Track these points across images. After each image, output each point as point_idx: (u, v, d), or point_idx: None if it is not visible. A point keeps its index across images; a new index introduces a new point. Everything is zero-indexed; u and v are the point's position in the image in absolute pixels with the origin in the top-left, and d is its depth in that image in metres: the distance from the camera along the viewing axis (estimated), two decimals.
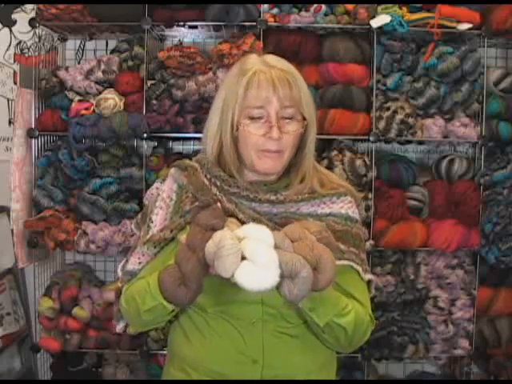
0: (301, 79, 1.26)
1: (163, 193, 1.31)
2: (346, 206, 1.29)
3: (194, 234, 1.10)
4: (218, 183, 1.27)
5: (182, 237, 1.13)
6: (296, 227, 1.10)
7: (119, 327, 1.39)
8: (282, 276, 1.01)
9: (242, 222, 1.20)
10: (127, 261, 1.32)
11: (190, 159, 1.37)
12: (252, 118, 1.22)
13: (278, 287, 1.03)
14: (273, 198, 1.26)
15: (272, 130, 1.21)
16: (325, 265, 1.04)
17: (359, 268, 1.25)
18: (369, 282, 1.30)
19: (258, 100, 1.21)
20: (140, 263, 1.29)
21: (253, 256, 1.01)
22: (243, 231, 1.07)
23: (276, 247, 1.04)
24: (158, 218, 1.29)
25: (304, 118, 1.25)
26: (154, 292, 1.17)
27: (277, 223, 1.23)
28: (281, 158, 1.24)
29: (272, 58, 1.27)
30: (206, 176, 1.29)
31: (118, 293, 1.34)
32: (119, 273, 1.33)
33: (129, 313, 1.28)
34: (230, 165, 1.27)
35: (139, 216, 1.41)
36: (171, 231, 1.26)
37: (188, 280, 1.07)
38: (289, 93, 1.21)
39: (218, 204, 1.22)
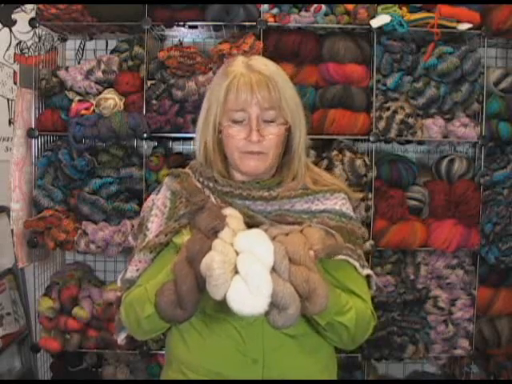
0: (284, 83, 1.26)
1: (158, 201, 1.33)
2: (340, 203, 1.30)
3: (194, 242, 1.09)
4: (211, 185, 1.29)
5: (187, 238, 1.12)
6: (300, 244, 1.08)
7: (120, 339, 1.39)
8: (270, 303, 1.01)
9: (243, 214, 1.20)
10: (126, 270, 1.32)
11: (183, 166, 1.38)
12: (234, 121, 1.24)
13: (265, 313, 1.02)
14: (266, 194, 1.27)
15: (252, 134, 1.22)
16: (316, 298, 1.03)
17: (356, 263, 1.25)
18: (368, 278, 1.30)
19: (238, 103, 1.23)
20: (137, 270, 1.30)
21: (247, 278, 1.00)
22: (244, 242, 1.05)
23: (273, 268, 1.03)
24: (154, 225, 1.30)
25: (287, 122, 1.25)
26: (151, 298, 1.18)
27: (272, 221, 1.24)
28: (263, 159, 1.25)
29: (257, 62, 1.28)
30: (198, 180, 1.31)
31: (118, 302, 1.35)
32: (118, 282, 1.34)
33: (129, 322, 1.29)
34: (213, 166, 1.29)
35: (135, 227, 1.42)
36: (166, 235, 1.27)
37: (183, 302, 1.07)
38: (267, 96, 1.22)
39: (212, 200, 1.23)
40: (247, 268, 1.01)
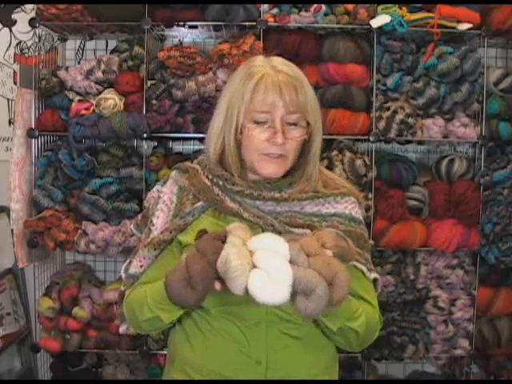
0: (307, 84, 1.25)
1: (164, 195, 1.32)
2: (350, 207, 1.30)
3: (203, 241, 1.08)
4: (221, 183, 1.27)
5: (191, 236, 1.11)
6: (312, 241, 1.08)
7: (122, 328, 1.41)
8: (296, 292, 1.00)
9: (248, 221, 1.21)
10: (130, 262, 1.32)
11: (192, 161, 1.37)
12: (257, 122, 1.22)
13: (293, 302, 1.01)
14: (277, 195, 1.26)
15: (276, 136, 1.20)
16: (340, 281, 1.02)
17: (363, 268, 1.25)
18: (375, 281, 1.30)
19: (264, 105, 1.21)
20: (141, 266, 1.30)
21: (268, 268, 1.00)
22: (258, 242, 1.05)
23: (291, 261, 1.03)
24: (159, 220, 1.30)
25: (308, 124, 1.24)
26: (150, 304, 1.18)
27: (281, 222, 1.23)
28: (284, 162, 1.24)
29: (279, 62, 1.27)
30: (207, 177, 1.29)
31: (121, 295, 1.35)
32: (122, 275, 1.34)
33: (129, 319, 1.31)
34: (231, 166, 1.27)
35: (139, 217, 1.41)
36: (170, 232, 1.26)
37: (195, 282, 1.05)
38: (295, 98, 1.20)
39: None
40: (266, 261, 1.01)
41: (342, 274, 1.03)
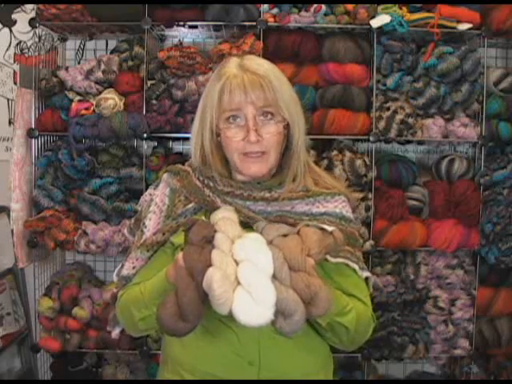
0: (279, 82, 1.24)
1: (156, 197, 1.32)
2: (341, 206, 1.29)
3: (190, 253, 1.07)
4: (211, 184, 1.28)
5: (179, 255, 1.09)
6: (297, 249, 1.07)
7: (115, 333, 1.39)
8: (275, 312, 1.01)
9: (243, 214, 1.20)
10: (122, 266, 1.32)
11: (183, 163, 1.37)
12: (231, 123, 1.23)
13: (272, 322, 1.02)
14: (267, 195, 1.26)
15: (250, 134, 1.21)
16: (319, 302, 1.04)
17: (355, 266, 1.25)
18: (367, 280, 1.30)
19: (232, 104, 1.22)
20: (134, 268, 1.30)
21: (250, 288, 1.01)
22: (242, 252, 1.05)
23: (274, 275, 1.03)
24: (152, 222, 1.30)
25: (285, 119, 1.25)
26: (147, 301, 1.19)
27: (272, 222, 1.23)
28: (265, 160, 1.24)
29: (250, 61, 1.27)
30: (198, 178, 1.30)
31: (114, 298, 1.35)
32: (115, 278, 1.34)
33: (124, 321, 1.30)
34: (213, 168, 1.28)
35: (132, 221, 1.41)
36: (163, 234, 1.26)
37: (185, 314, 1.04)
38: (262, 95, 1.21)
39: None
40: (249, 279, 1.02)
41: (323, 294, 1.04)
